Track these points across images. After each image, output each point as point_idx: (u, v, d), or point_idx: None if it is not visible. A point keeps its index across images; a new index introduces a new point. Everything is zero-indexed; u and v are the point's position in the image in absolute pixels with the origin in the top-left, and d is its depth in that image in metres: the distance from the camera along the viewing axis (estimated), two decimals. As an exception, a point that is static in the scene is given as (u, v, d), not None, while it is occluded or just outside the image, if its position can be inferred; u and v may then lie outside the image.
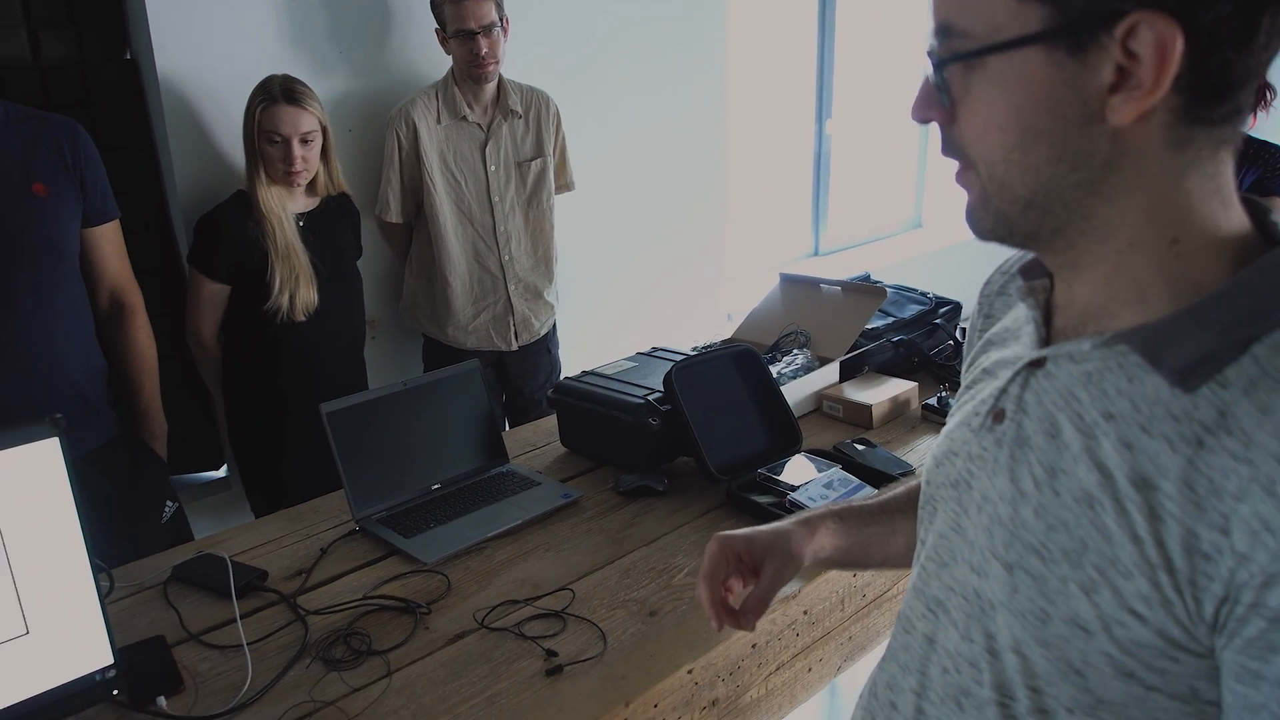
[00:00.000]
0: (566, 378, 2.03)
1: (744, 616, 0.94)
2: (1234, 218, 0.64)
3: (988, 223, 0.68)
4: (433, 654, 1.31)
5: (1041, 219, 0.65)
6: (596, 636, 1.33)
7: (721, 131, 3.63)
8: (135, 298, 2.01)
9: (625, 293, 3.36)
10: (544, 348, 2.83)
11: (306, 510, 1.78)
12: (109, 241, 1.93)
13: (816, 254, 4.46)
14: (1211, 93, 0.59)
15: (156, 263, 2.41)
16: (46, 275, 1.76)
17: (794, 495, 1.63)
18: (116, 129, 2.32)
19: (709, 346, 2.26)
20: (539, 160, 2.68)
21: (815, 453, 1.83)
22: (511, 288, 2.68)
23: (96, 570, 1.10)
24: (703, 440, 1.74)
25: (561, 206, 2.80)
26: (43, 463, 1.03)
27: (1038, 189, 0.64)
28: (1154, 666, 0.61)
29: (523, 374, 2.79)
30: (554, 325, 2.87)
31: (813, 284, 2.41)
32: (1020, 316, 0.78)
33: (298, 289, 2.23)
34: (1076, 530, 0.63)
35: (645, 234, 3.43)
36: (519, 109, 2.62)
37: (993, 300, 0.86)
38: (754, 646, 1.38)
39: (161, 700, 1.21)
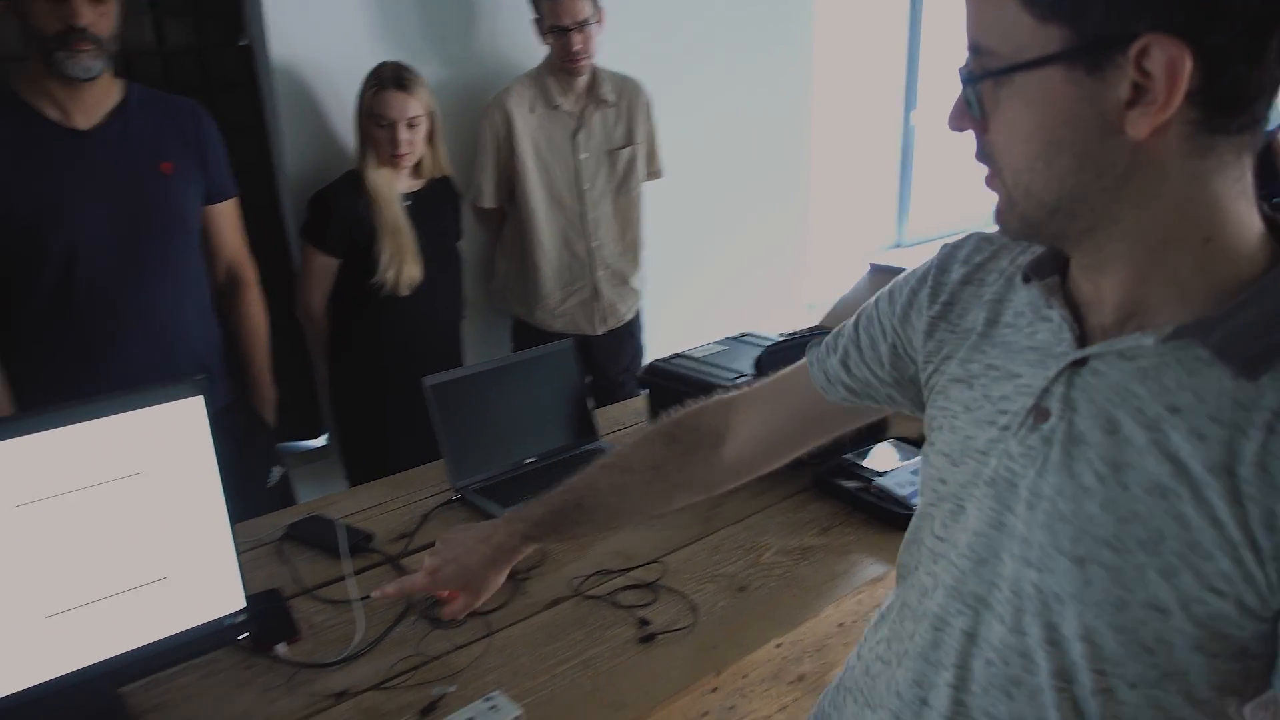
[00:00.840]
0: (658, 360, 2.07)
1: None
2: (1256, 216, 0.68)
3: (1014, 225, 0.73)
4: (530, 618, 1.37)
5: (1068, 222, 0.69)
6: (687, 608, 1.37)
7: (807, 121, 3.63)
8: (250, 272, 2.11)
9: (708, 280, 3.39)
10: (628, 332, 2.89)
11: (406, 478, 1.86)
12: (227, 218, 2.03)
13: (899, 245, 4.44)
14: (1227, 105, 0.62)
15: (266, 240, 2.53)
16: (173, 250, 1.87)
17: (879, 481, 1.65)
18: (232, 112, 2.43)
19: (795, 333, 2.28)
20: (629, 148, 2.73)
21: (901, 440, 1.84)
22: (599, 274, 2.74)
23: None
24: (790, 424, 1.77)
25: (649, 194, 2.85)
26: (187, 419, 1.11)
27: (1062, 195, 0.68)
28: (1222, 635, 0.65)
29: (607, 358, 2.85)
30: (639, 311, 2.92)
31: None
32: (1020, 312, 0.79)
33: (403, 265, 2.32)
34: (1151, 520, 0.66)
35: (730, 223, 3.46)
36: (611, 98, 2.67)
37: (956, 289, 0.86)
38: (840, 625, 1.41)
39: (281, 647, 1.30)
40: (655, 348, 2.85)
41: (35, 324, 1.80)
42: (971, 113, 0.71)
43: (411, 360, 2.36)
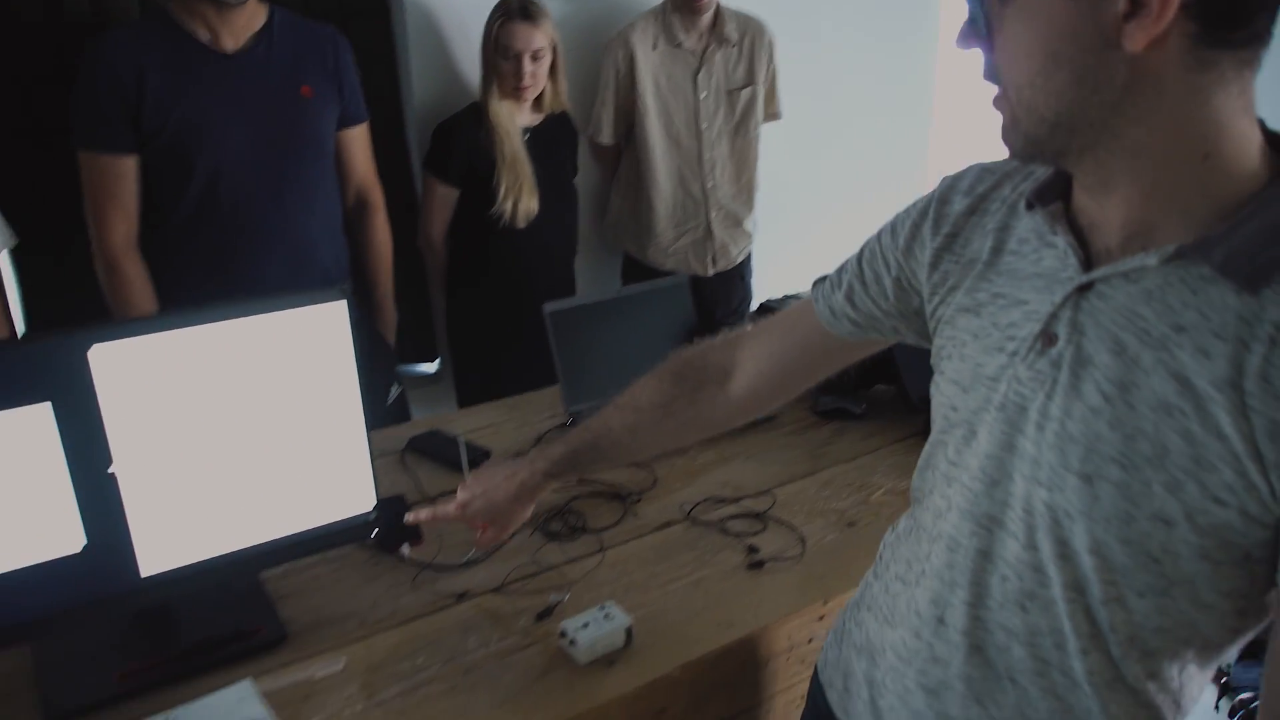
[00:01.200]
0: (771, 300, 2.07)
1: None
2: (1257, 132, 0.68)
3: (1018, 143, 0.74)
4: (641, 538, 1.41)
5: (1069, 139, 0.70)
6: (796, 539, 1.39)
7: (929, 68, 3.53)
8: (378, 196, 2.18)
9: (821, 225, 3.35)
10: (738, 275, 2.88)
11: (521, 402, 1.91)
12: (359, 143, 2.10)
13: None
14: (1225, 19, 0.63)
15: (391, 169, 2.60)
16: (310, 171, 1.94)
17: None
18: (364, 40, 2.49)
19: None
20: (749, 89, 2.70)
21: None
22: (713, 214, 2.73)
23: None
24: (904, 368, 1.76)
25: (766, 136, 2.82)
26: (332, 323, 1.16)
27: (1061, 111, 0.69)
28: (1226, 543, 0.68)
29: (715, 299, 2.85)
30: (749, 254, 2.91)
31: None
32: (1025, 239, 0.80)
33: (520, 197, 2.36)
34: (1157, 437, 0.68)
35: (845, 169, 3.40)
36: (733, 37, 2.64)
37: (959, 219, 0.87)
38: (949, 567, 1.41)
39: (405, 549, 1.36)
40: (765, 291, 2.84)
41: (179, 236, 1.90)
42: (977, 31, 0.73)
43: (525, 292, 2.42)
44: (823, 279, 1.03)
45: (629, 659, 1.14)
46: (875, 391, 1.89)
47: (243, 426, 1.13)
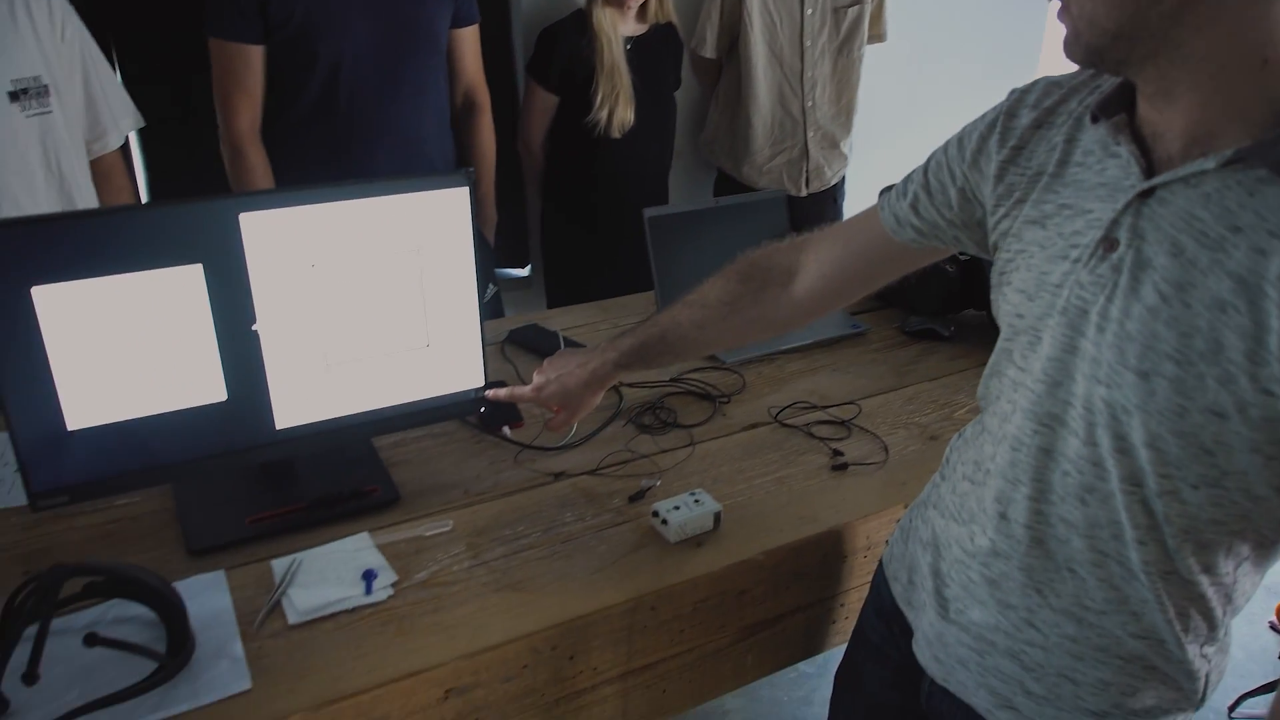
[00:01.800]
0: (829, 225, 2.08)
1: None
2: None
3: (1080, 54, 0.76)
4: (730, 435, 1.47)
5: (1130, 48, 0.72)
6: (879, 448, 1.44)
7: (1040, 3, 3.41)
8: (485, 97, 2.23)
9: (918, 153, 3.30)
10: (831, 197, 2.88)
11: (616, 304, 1.98)
12: (469, 43, 2.14)
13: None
14: None
15: (495, 72, 2.64)
16: (423, 67, 2.00)
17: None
18: (475, -58, 2.52)
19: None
20: (856, 8, 2.66)
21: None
22: (810, 134, 2.72)
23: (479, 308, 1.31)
24: (998, 294, 1.77)
25: (868, 58, 2.78)
26: (456, 206, 1.23)
27: (1122, 22, 0.71)
28: (1277, 437, 0.71)
29: (806, 220, 2.84)
30: (844, 177, 2.90)
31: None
32: (1089, 151, 0.82)
33: (616, 106, 2.39)
34: (1212, 333, 0.71)
35: (947, 96, 3.33)
36: (844, -48, 2.60)
37: (1025, 133, 0.89)
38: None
39: (506, 429, 1.45)
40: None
41: (298, 127, 1.98)
42: None
43: (619, 202, 2.46)
44: (889, 188, 1.07)
45: (716, 541, 1.21)
46: (964, 315, 1.91)
47: (369, 299, 1.21)
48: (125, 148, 1.92)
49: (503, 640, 1.05)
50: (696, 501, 1.23)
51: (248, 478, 1.30)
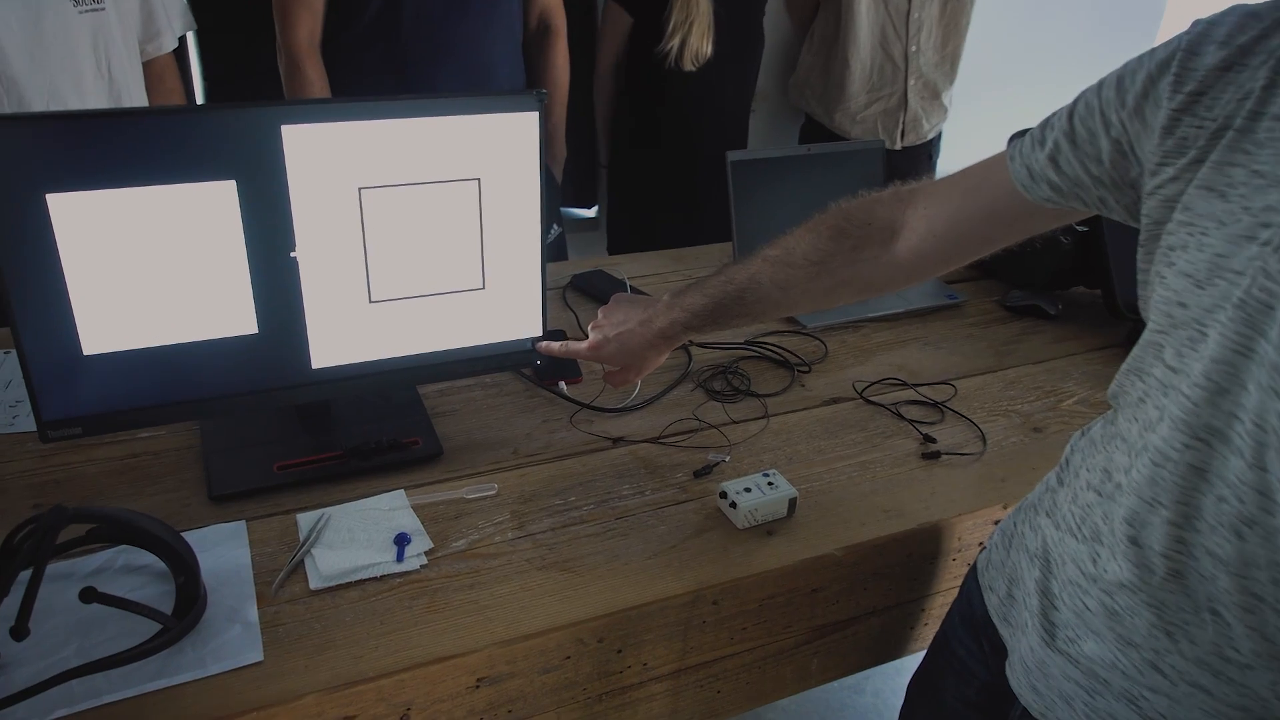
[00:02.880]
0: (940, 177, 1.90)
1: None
2: None
3: None
4: (808, 410, 1.32)
5: None
6: (976, 436, 1.28)
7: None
8: (560, 21, 2.07)
9: (1025, 109, 3.06)
10: (925, 152, 2.68)
11: (688, 254, 1.83)
12: None
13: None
14: None
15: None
16: (495, -14, 1.85)
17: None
18: None
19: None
20: (971, -57, 2.43)
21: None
22: (911, 82, 2.52)
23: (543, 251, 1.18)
24: (1116, 270, 1.58)
25: (979, 2, 2.56)
26: (524, 132, 1.09)
27: None
28: None
29: (898, 175, 2.65)
30: (941, 131, 2.69)
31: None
32: None
33: (689, 36, 2.20)
34: None
35: (1058, 48, 3.08)
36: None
37: (1209, 76, 0.69)
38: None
39: (563, 385, 1.32)
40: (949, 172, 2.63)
41: (359, 43, 1.85)
42: None
43: (693, 143, 2.29)
44: (1022, 133, 0.87)
45: (789, 531, 1.08)
46: (1073, 293, 1.72)
47: (420, 231, 1.08)
48: (181, 52, 1.82)
49: (545, 627, 0.93)
50: (770, 484, 1.09)
51: (281, 420, 1.19)
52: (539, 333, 1.21)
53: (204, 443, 1.15)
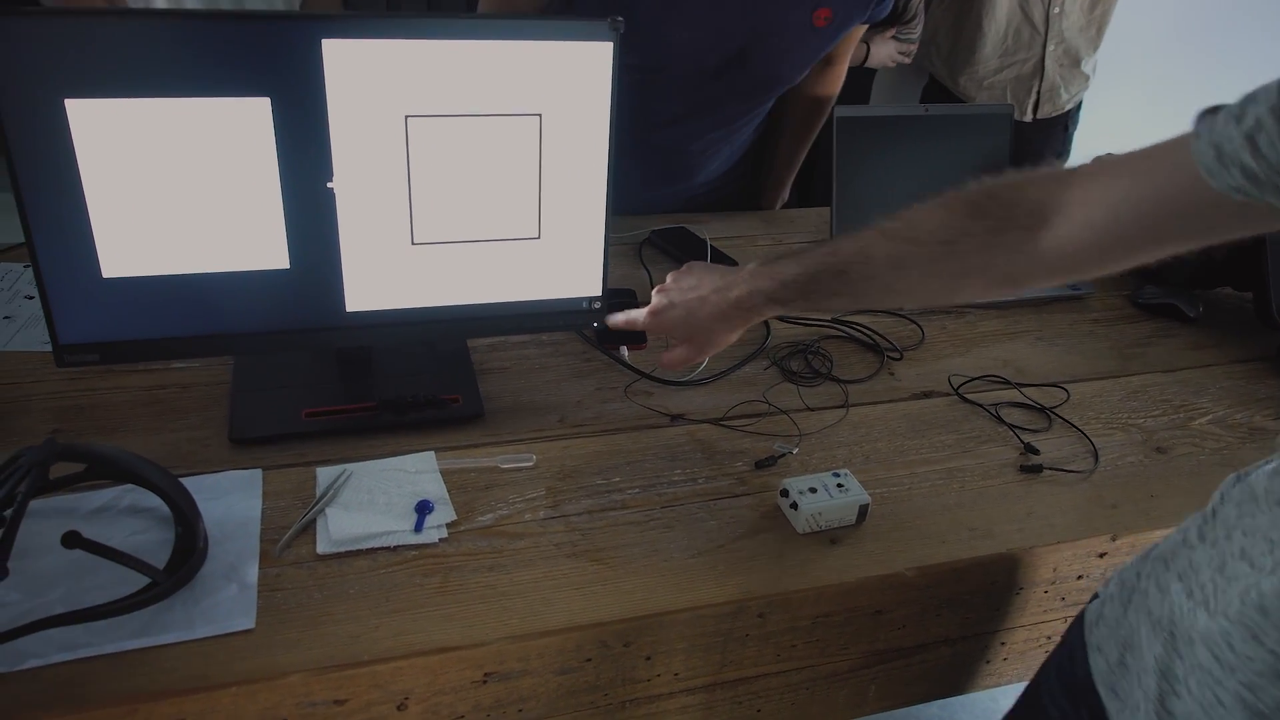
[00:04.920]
0: (1101, 157, 1.69)
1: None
2: None
3: None
4: (895, 402, 1.18)
5: None
6: (1086, 451, 1.12)
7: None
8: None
9: (1180, 79, 2.77)
10: (1061, 124, 2.44)
11: (780, 216, 1.68)
12: None
13: None
14: None
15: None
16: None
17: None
18: None
19: None
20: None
21: None
22: (1050, 47, 2.28)
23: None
24: (1275, 271, 1.38)
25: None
26: (592, 64, 0.96)
27: None
28: None
29: (1028, 150, 2.44)
30: (1080, 102, 2.45)
31: None
32: None
33: None
34: None
35: (1226, 11, 2.77)
36: None
37: None
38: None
39: (624, 350, 1.21)
40: (1088, 148, 2.40)
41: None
42: None
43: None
44: (1214, 109, 0.69)
45: (856, 541, 0.95)
46: (1218, 294, 1.52)
47: (474, 168, 0.98)
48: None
49: (566, 625, 0.83)
50: (839, 485, 0.96)
51: (319, 366, 1.11)
52: (597, 292, 1.09)
53: (234, 381, 1.08)
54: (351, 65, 0.89)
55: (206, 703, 0.75)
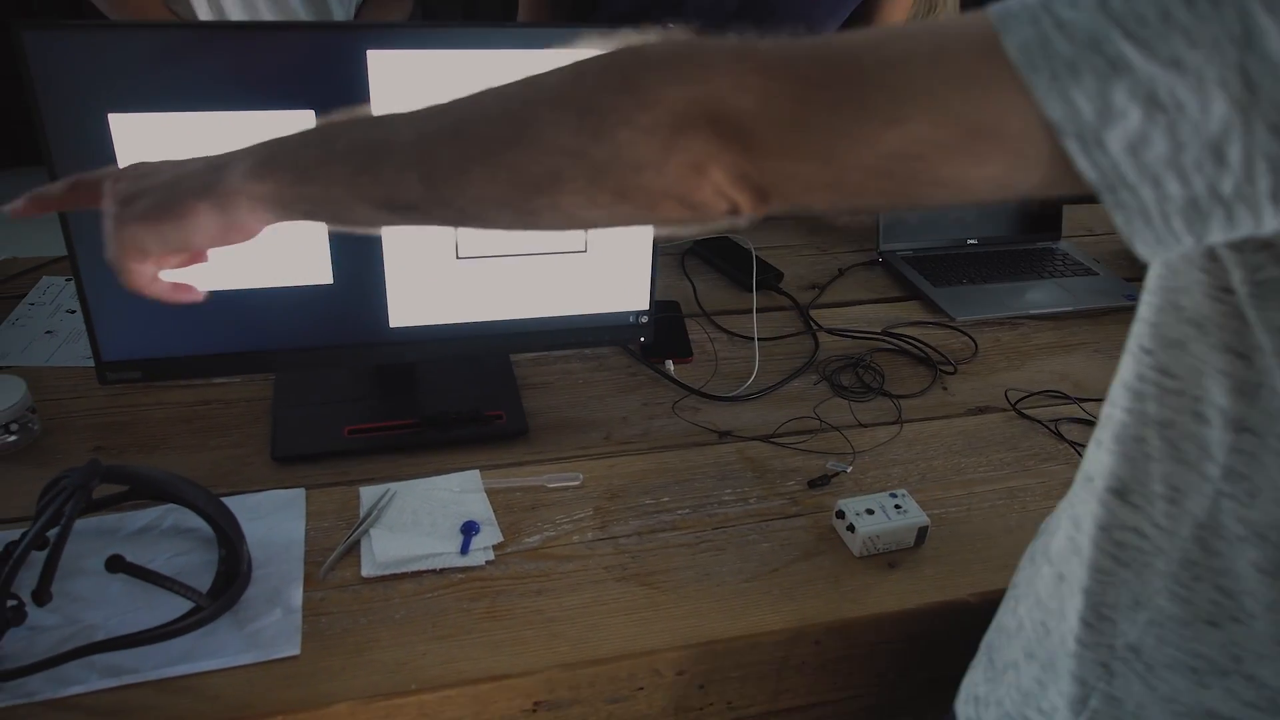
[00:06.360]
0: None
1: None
2: None
3: None
4: (950, 418, 1.14)
5: None
6: (1151, 469, 1.07)
7: None
8: None
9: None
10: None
11: (826, 225, 1.64)
12: None
13: None
14: None
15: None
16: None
17: None
18: None
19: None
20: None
21: None
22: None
23: (654, 211, 1.03)
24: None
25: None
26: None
27: None
28: None
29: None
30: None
31: None
32: None
33: None
34: None
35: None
36: None
37: None
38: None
39: (669, 364, 1.18)
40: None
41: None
42: None
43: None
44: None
45: (915, 565, 0.91)
46: None
47: (519, 183, 0.95)
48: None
49: (617, 653, 0.80)
50: (897, 506, 0.93)
51: (360, 382, 1.10)
52: (644, 306, 1.07)
53: (275, 397, 1.06)
54: (396, 76, 0.87)
55: (252, 733, 0.73)
